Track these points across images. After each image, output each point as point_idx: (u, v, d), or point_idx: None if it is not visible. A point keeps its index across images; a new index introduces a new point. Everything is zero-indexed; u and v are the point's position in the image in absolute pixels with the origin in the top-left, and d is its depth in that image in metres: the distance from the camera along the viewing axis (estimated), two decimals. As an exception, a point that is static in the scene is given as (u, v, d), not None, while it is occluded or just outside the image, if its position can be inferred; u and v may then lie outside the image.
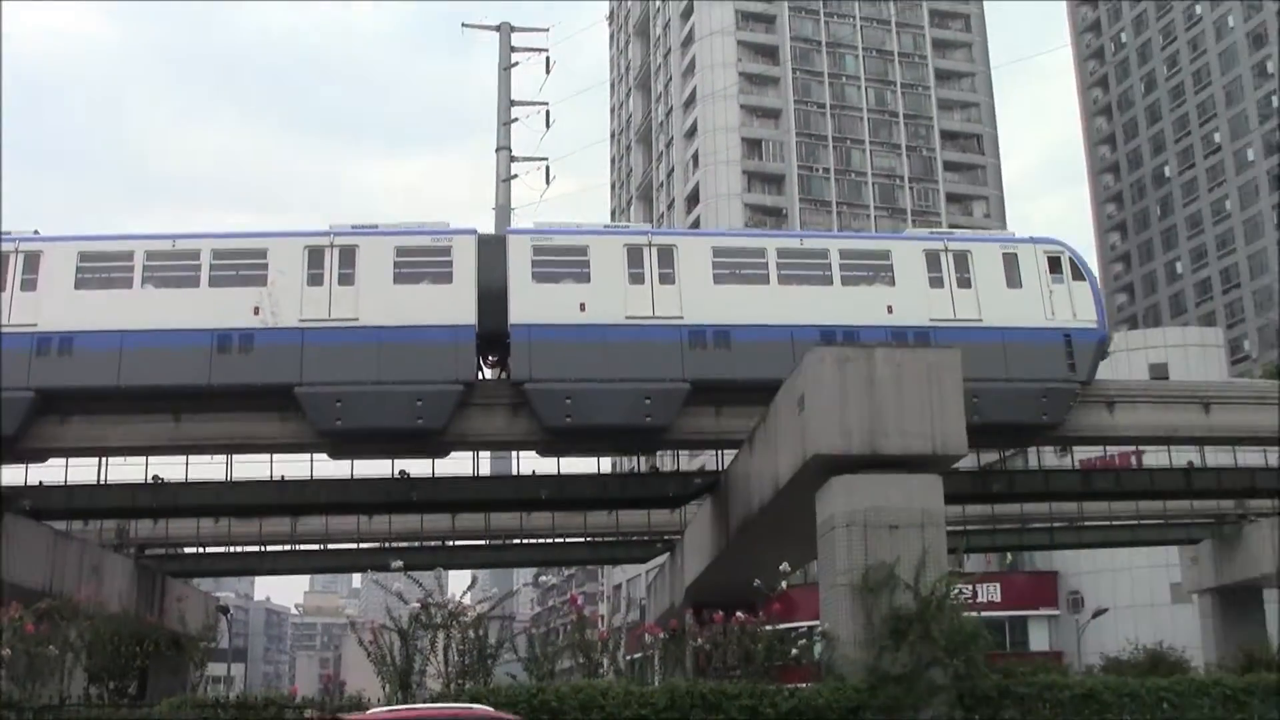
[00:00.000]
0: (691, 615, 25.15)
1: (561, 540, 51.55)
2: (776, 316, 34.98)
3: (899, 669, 22.59)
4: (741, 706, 21.25)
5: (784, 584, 24.70)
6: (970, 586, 32.74)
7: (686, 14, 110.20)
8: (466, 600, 24.30)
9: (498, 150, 60.00)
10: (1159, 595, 69.60)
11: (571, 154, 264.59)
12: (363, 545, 49.63)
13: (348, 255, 34.89)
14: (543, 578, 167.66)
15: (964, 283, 36.46)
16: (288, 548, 50.17)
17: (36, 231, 35.69)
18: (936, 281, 36.45)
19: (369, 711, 18.68)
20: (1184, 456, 45.11)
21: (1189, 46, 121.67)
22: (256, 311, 34.00)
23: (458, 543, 49.73)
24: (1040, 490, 44.87)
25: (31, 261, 34.43)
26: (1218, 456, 45.45)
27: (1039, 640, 74.52)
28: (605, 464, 44.29)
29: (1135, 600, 69.95)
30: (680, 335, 34.31)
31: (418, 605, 23.09)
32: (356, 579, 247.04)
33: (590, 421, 33.96)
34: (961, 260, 36.71)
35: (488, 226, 47.05)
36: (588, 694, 20.95)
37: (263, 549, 49.97)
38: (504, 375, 36.22)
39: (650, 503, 43.82)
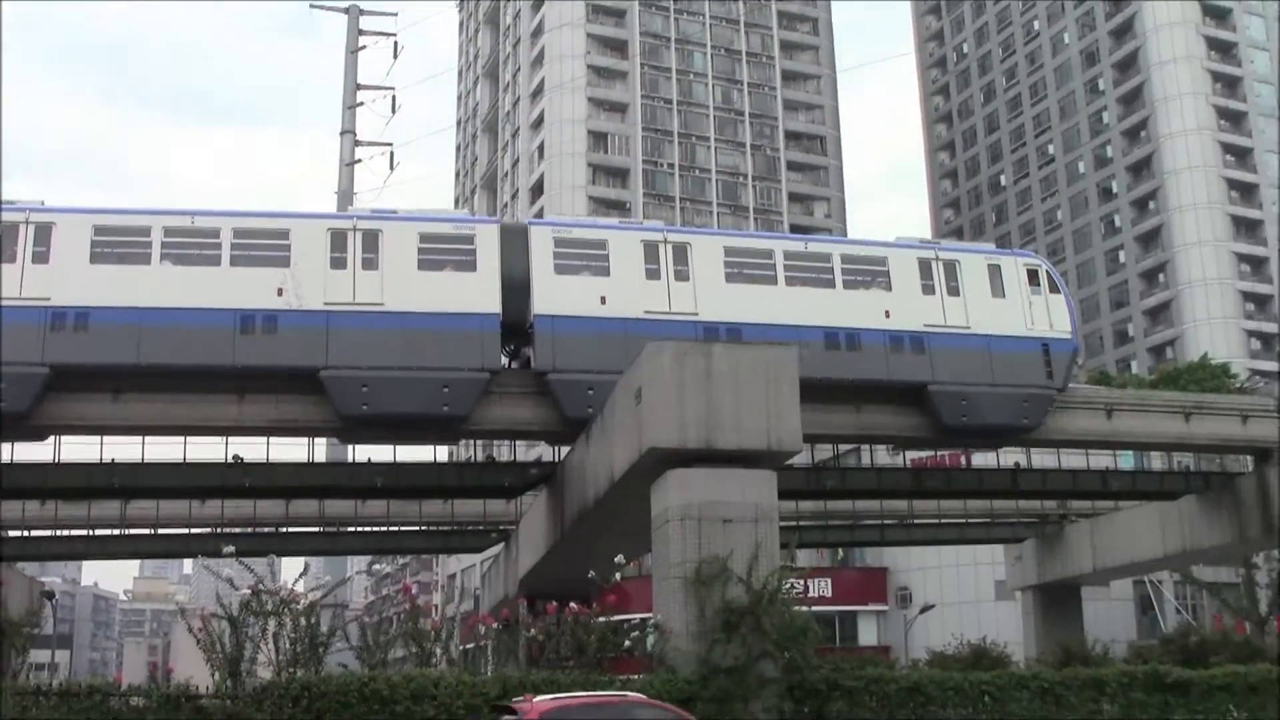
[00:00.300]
0: (525, 605, 25.10)
1: (396, 528, 50.95)
2: (784, 316, 35.50)
3: (730, 661, 22.79)
4: (569, 698, 21.25)
5: (618, 576, 24.76)
6: (802, 581, 33.08)
7: (537, 5, 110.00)
8: (299, 587, 23.88)
9: (342, 134, 59.18)
10: (984, 592, 71.38)
11: (414, 140, 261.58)
12: (194, 530, 48.48)
13: (371, 239, 34.39)
14: (377, 566, 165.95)
15: (953, 291, 37.68)
16: (117, 532, 48.75)
17: (43, 202, 34.17)
18: (929, 289, 37.58)
19: (535, 699, 19.09)
20: (1011, 458, 46.35)
21: (1027, 60, 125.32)
22: (280, 293, 33.15)
23: (291, 529, 48.91)
24: (872, 488, 45.75)
25: (43, 233, 32.91)
26: (1043, 459, 46.79)
27: (868, 635, 75.79)
28: (442, 452, 43.98)
29: (961, 597, 71.63)
30: (696, 331, 34.37)
31: (249, 592, 22.63)
32: (188, 565, 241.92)
33: None
34: (951, 270, 37.91)
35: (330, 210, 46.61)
36: (420, 683, 20.76)
37: (91, 533, 48.52)
38: (514, 364, 36.55)
39: (486, 492, 43.60)
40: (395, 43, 61.41)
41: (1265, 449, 42.00)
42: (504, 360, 36.21)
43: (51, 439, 36.23)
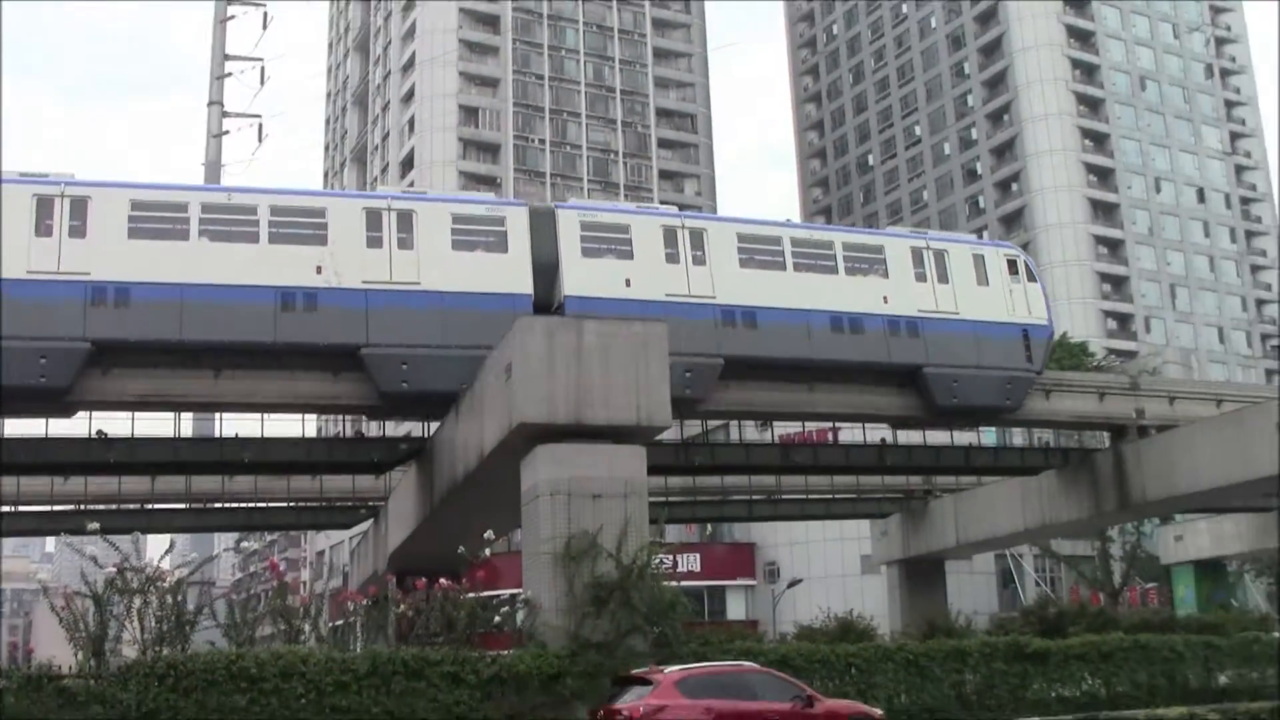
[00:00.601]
0: (394, 582, 24.87)
1: (264, 505, 50.15)
2: (793, 301, 36.55)
3: (599, 636, 22.88)
4: (443, 673, 21.19)
5: (488, 551, 24.69)
6: (671, 556, 33.45)
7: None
8: (165, 565, 23.46)
9: (209, 105, 57.99)
10: (850, 566, 72.48)
11: (284, 113, 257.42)
12: (57, 508, 47.16)
13: (405, 220, 34.39)
14: (244, 543, 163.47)
15: (943, 278, 39.00)
16: (-26, 510, 47.31)
17: (73, 175, 33.06)
18: (920, 277, 38.79)
19: (666, 670, 20.80)
20: (878, 434, 47.03)
21: (895, 43, 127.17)
22: (319, 271, 32.81)
23: (157, 506, 47.74)
24: (741, 463, 46.04)
25: (79, 207, 32.00)
26: (908, 435, 47.55)
27: (736, 609, 76.65)
28: (310, 427, 43.41)
29: (828, 571, 72.71)
30: (714, 314, 35.36)
31: (113, 570, 22.13)
32: (50, 543, 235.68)
33: None
34: (940, 258, 39.27)
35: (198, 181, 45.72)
36: (288, 660, 20.53)
37: (-52, 511, 47.05)
38: None
39: (355, 468, 43.10)
40: (265, 13, 60.40)
41: (1121, 425, 43.18)
42: None
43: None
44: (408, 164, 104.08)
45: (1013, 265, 40.95)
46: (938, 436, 48.00)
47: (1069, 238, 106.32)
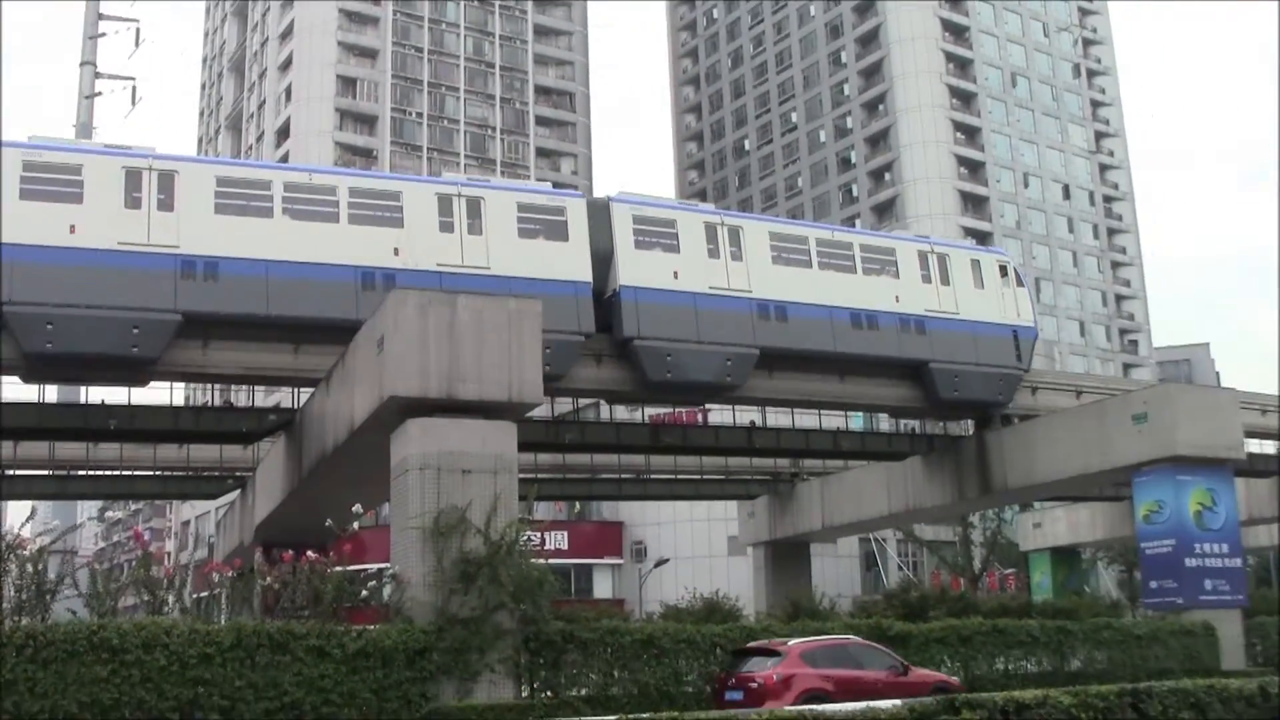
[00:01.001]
0: (261, 554, 24.52)
1: (130, 473, 49.19)
2: (819, 297, 38.99)
3: (467, 612, 22.75)
4: (309, 647, 20.89)
5: (356, 525, 24.41)
6: (539, 533, 33.44)
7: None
8: (25, 533, 22.82)
9: (82, 65, 56.42)
10: (717, 547, 73.12)
11: (158, 76, 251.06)
12: (-83, 473, 45.76)
13: (474, 206, 35.25)
14: (109, 512, 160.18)
15: (945, 280, 41.91)
16: None
17: (154, 149, 33.05)
18: (926, 278, 41.62)
19: (789, 643, 23.57)
20: (747, 416, 47.44)
21: (774, 29, 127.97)
22: (397, 252, 33.52)
23: (18, 472, 46.59)
24: (611, 442, 46.17)
25: (166, 181, 31.93)
26: (777, 418, 48.05)
27: (603, 588, 76.92)
28: (178, 395, 42.60)
29: (695, 551, 73.28)
30: (750, 307, 37.59)
31: (-30, 537, 21.44)
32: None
33: (685, 378, 36.66)
34: (943, 261, 42.14)
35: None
36: (151, 631, 20.05)
37: None
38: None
39: (223, 438, 42.44)
40: (140, -27, 58.86)
41: (986, 414, 44.09)
42: None
43: None
44: (284, 133, 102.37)
45: (1004, 270, 44.12)
46: (805, 419, 48.59)
47: (939, 229, 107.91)
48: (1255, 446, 52.81)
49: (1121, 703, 17.68)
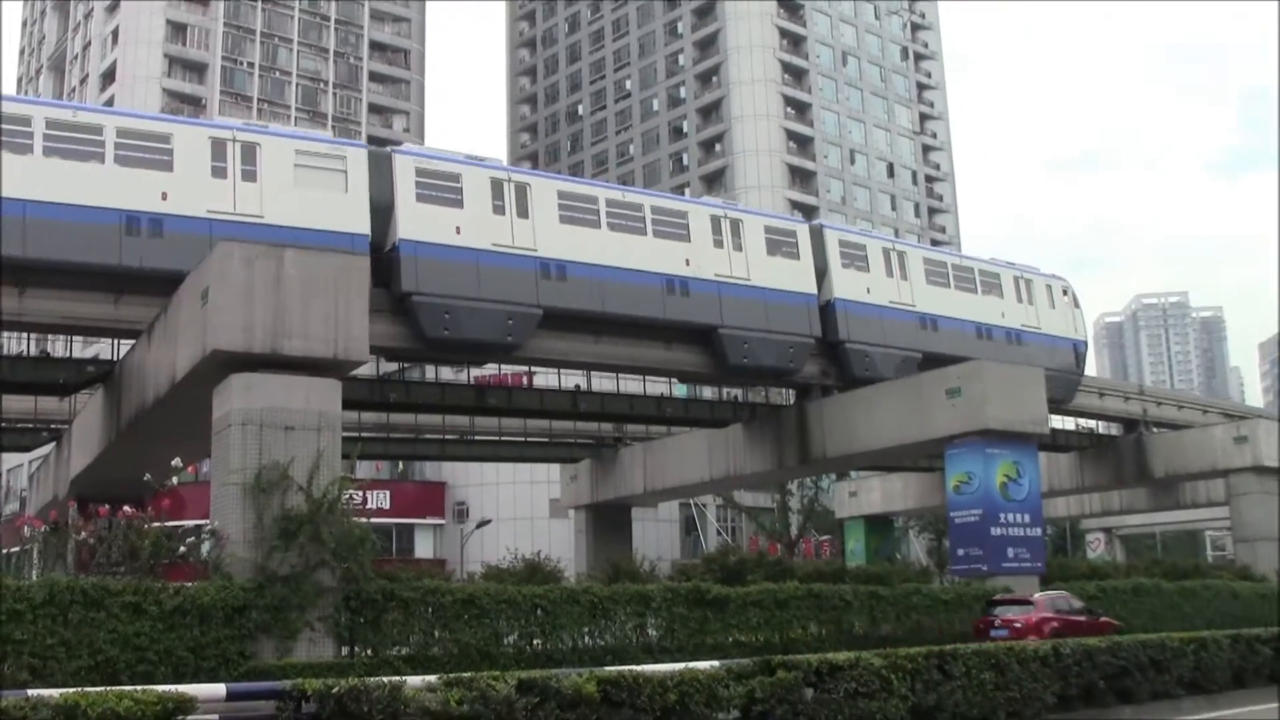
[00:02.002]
0: (76, 508, 23.94)
1: (-57, 425, 47.37)
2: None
3: (287, 569, 22.52)
4: (124, 604, 20.45)
5: (175, 480, 23.98)
6: (361, 492, 33.15)
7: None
8: None
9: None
10: (539, 509, 73.37)
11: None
12: None
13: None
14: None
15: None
16: None
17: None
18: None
19: (1036, 595, 31.20)
20: (572, 380, 47.66)
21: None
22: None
23: None
24: (435, 402, 45.99)
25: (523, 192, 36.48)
26: (601, 382, 48.37)
27: (425, 548, 76.68)
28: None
29: (517, 513, 73.42)
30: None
31: None
32: None
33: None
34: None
35: None
36: (-47, 588, 19.52)
37: None
38: None
39: (38, 389, 41.12)
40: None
41: (805, 385, 44.98)
42: None
43: None
44: (109, 77, 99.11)
45: (1065, 292, 46.85)
46: (630, 385, 49.02)
47: (767, 202, 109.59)
48: (1058, 423, 55.02)
49: (929, 664, 18.40)
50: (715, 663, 17.39)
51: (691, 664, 16.94)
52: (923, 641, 26.34)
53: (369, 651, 23.63)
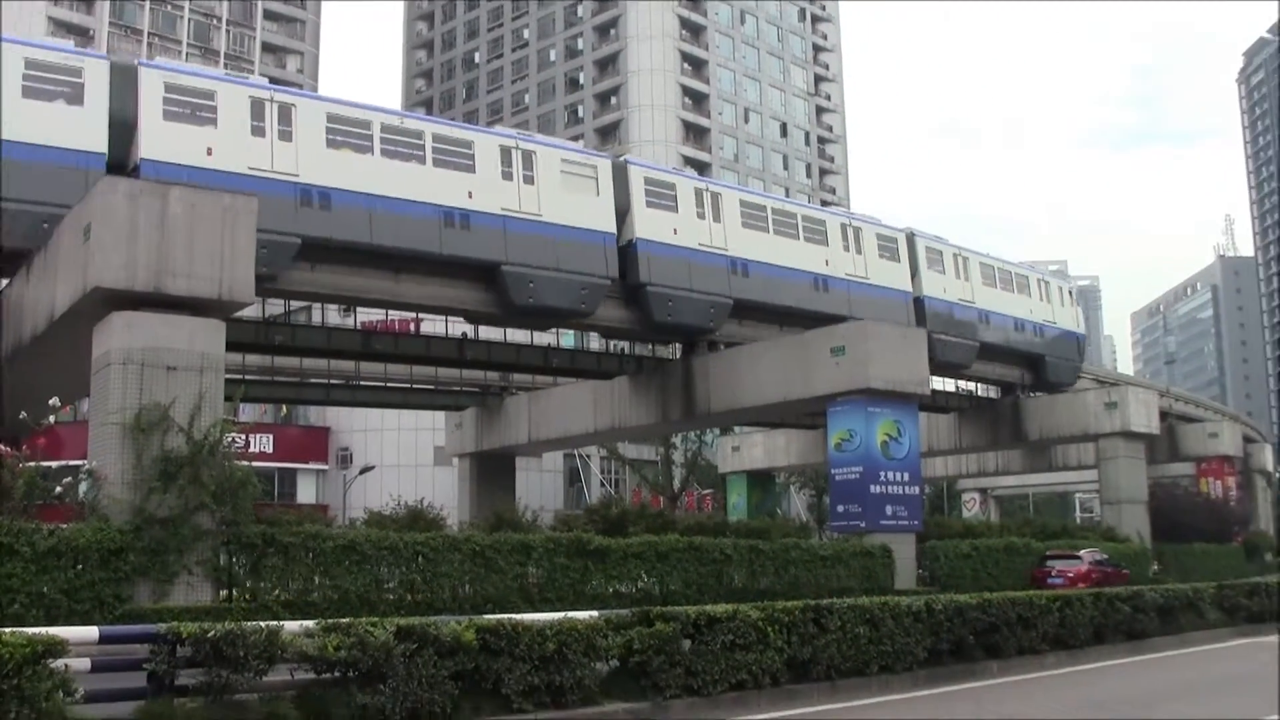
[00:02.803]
0: (-54, 447, 23.35)
1: None
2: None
3: (165, 512, 22.28)
4: (-5, 544, 20.17)
5: (51, 419, 23.59)
6: (244, 435, 32.79)
7: None
8: None
9: None
10: (423, 457, 73.14)
11: None
12: None
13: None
14: None
15: (1044, 298, 54.95)
16: None
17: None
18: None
19: (1082, 551, 42.14)
20: (459, 328, 47.43)
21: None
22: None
23: None
24: (321, 346, 45.46)
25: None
26: (490, 332, 48.19)
27: (307, 493, 76.09)
28: None
29: (401, 460, 73.16)
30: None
31: None
32: None
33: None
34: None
35: None
36: None
37: None
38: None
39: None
40: None
41: (692, 340, 45.23)
42: None
43: None
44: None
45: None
46: (518, 336, 48.93)
47: (660, 156, 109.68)
48: (939, 384, 55.98)
49: (805, 618, 18.74)
50: (595, 613, 17.58)
51: (571, 614, 17.08)
52: (801, 596, 26.84)
53: (248, 596, 23.54)
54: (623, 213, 41.65)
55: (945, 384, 58.93)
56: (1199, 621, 30.27)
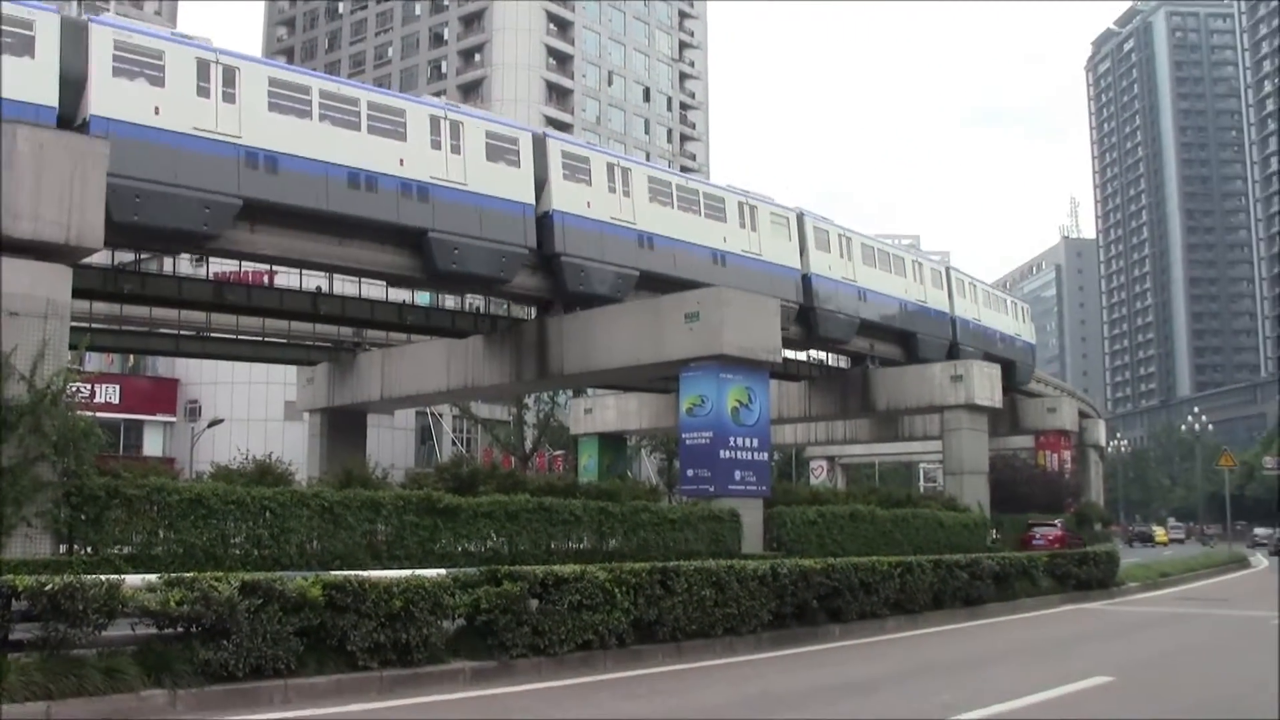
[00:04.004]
0: None
1: None
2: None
3: (4, 462, 21.74)
4: None
5: (-116, 363, 22.76)
6: (89, 385, 32.12)
7: None
8: None
9: None
10: (274, 411, 72.29)
11: None
12: None
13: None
14: None
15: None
16: None
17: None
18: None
19: (1056, 520, 55.59)
20: (314, 281, 46.87)
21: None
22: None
23: None
24: (172, 296, 44.56)
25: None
26: (344, 285, 47.70)
27: (154, 445, 74.75)
28: None
29: (251, 414, 72.18)
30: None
31: None
32: None
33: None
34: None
35: None
36: None
37: None
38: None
39: None
40: None
41: (547, 300, 45.30)
42: None
43: None
44: None
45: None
46: (372, 290, 48.54)
47: (523, 116, 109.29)
48: (790, 353, 56.93)
49: (651, 580, 19.01)
50: (442, 571, 17.63)
51: (419, 572, 17.12)
52: (649, 558, 27.18)
53: (89, 550, 23.02)
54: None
55: (796, 353, 59.92)
56: (1032, 588, 31.33)
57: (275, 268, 46.58)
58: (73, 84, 32.53)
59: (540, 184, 42.80)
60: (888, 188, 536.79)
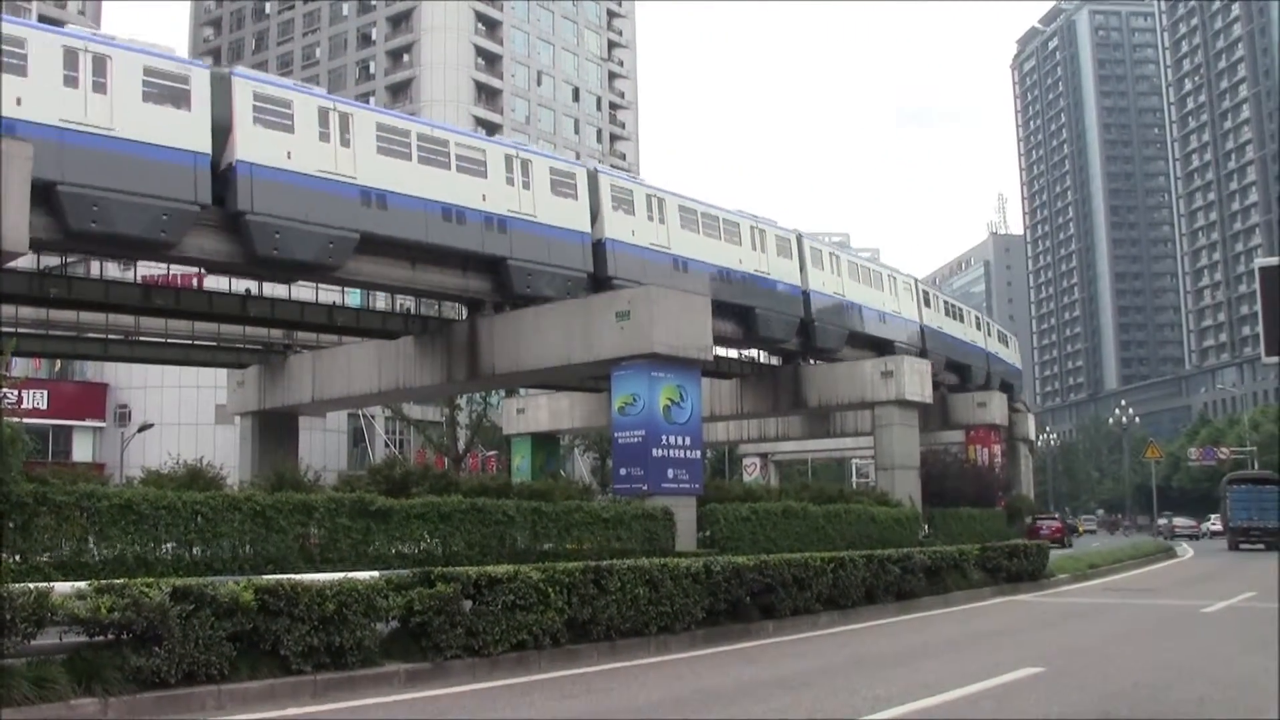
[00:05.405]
0: None
1: None
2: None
3: (-74, 468, 21.53)
4: None
5: None
6: (15, 390, 31.73)
7: None
8: None
9: None
10: (204, 415, 71.71)
11: None
12: None
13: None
14: None
15: (994, 337, 62.82)
16: None
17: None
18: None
19: (1054, 514, 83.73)
20: (243, 285, 46.56)
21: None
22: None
23: None
24: (99, 300, 44.13)
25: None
26: (274, 288, 47.42)
27: (83, 451, 73.88)
28: None
29: (182, 418, 71.54)
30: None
31: None
32: None
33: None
34: (990, 328, 54.22)
35: None
36: None
37: None
38: None
39: None
40: None
41: (478, 300, 45.27)
42: None
43: None
44: None
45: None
46: (302, 293, 48.31)
47: (451, 116, 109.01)
48: (722, 351, 57.16)
49: (585, 579, 19.09)
50: (375, 573, 17.63)
51: (352, 574, 17.10)
52: (583, 557, 27.25)
53: (17, 558, 22.74)
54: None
55: (728, 350, 60.15)
56: (963, 581, 31.64)
57: (203, 271, 46.24)
58: (220, 132, 35.66)
59: (594, 214, 46.79)
60: (817, 186, 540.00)
